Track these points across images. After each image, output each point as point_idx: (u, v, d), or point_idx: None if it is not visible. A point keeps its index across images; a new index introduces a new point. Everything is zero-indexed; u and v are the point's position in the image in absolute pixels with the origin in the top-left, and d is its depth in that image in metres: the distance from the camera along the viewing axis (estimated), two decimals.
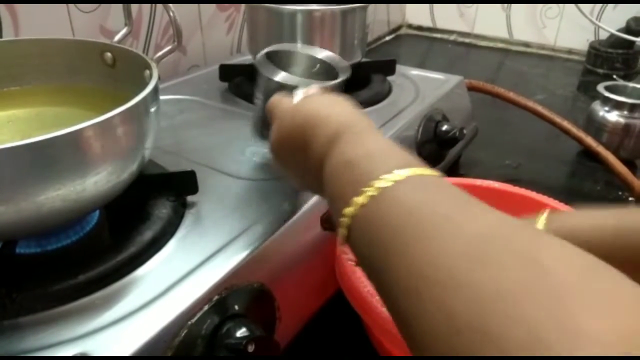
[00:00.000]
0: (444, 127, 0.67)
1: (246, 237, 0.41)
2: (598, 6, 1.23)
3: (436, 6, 1.44)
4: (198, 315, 0.35)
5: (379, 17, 1.38)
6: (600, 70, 1.19)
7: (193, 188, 0.45)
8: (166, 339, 0.33)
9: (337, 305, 0.44)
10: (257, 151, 0.55)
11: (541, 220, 0.37)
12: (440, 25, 1.46)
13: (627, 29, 1.13)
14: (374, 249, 0.24)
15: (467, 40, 1.42)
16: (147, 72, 0.41)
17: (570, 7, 1.22)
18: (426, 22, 1.48)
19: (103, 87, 0.48)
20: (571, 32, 1.29)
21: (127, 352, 0.31)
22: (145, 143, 0.40)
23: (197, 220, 0.44)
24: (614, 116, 0.80)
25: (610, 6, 1.22)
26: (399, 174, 0.25)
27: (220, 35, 0.92)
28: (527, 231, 0.20)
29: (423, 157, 0.66)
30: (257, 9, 0.66)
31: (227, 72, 0.72)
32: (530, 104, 0.80)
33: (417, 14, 1.48)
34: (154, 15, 0.78)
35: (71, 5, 0.66)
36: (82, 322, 0.33)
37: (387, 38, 1.44)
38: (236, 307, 0.38)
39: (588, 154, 0.77)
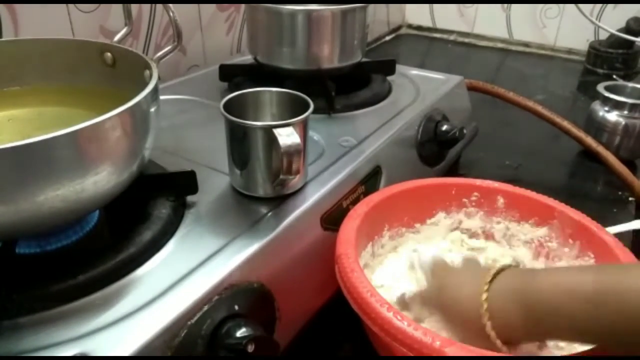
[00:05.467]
0: (444, 127, 0.67)
1: (246, 237, 0.41)
2: (598, 6, 1.23)
3: (436, 6, 1.44)
4: (198, 315, 0.35)
5: (379, 17, 1.38)
6: (600, 70, 1.19)
7: (193, 188, 0.45)
8: (166, 339, 0.33)
9: (337, 305, 0.44)
10: None
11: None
12: (440, 25, 1.46)
13: (627, 29, 1.13)
14: None
15: (467, 40, 1.42)
16: (147, 72, 0.41)
17: (570, 7, 1.22)
18: (426, 22, 1.48)
19: (103, 87, 0.48)
20: (571, 32, 1.29)
21: (127, 352, 0.31)
22: (145, 143, 0.40)
23: (197, 220, 0.44)
24: (613, 116, 0.80)
25: (610, 6, 1.22)
26: None
27: (220, 35, 0.92)
28: None
29: (423, 157, 0.67)
30: (257, 9, 0.66)
31: (227, 72, 0.72)
32: (530, 104, 0.80)
33: (417, 14, 1.48)
34: (154, 15, 0.78)
35: (71, 5, 0.66)
36: (82, 322, 0.33)
37: (387, 38, 1.44)
38: (236, 307, 0.38)
39: (588, 154, 0.77)
